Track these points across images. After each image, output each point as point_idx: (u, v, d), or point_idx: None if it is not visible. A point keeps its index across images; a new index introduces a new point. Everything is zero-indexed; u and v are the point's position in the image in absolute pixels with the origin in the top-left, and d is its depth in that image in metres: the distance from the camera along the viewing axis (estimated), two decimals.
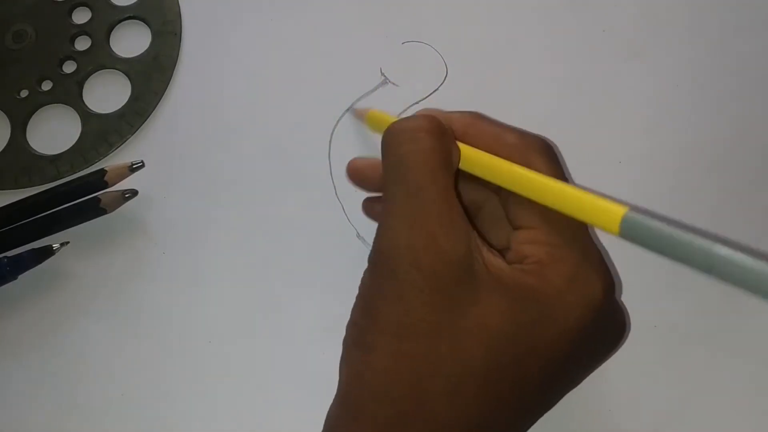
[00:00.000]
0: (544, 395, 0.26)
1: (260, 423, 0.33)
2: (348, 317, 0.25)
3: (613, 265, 0.35)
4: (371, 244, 0.25)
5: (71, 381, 0.35)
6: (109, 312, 0.36)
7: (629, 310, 0.34)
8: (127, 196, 0.36)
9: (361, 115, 0.37)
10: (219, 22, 0.42)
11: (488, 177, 0.26)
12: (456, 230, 0.24)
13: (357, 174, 0.30)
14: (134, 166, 0.36)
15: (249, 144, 0.39)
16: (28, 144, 0.40)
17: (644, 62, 0.39)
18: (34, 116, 0.41)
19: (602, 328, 0.26)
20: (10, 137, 0.40)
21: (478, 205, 0.28)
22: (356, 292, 0.26)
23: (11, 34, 0.42)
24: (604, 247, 0.35)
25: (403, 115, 0.38)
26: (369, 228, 0.36)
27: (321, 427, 0.26)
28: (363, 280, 0.26)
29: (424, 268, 0.23)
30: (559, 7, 0.40)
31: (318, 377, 0.34)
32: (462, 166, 0.26)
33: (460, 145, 0.27)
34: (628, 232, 0.21)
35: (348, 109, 0.39)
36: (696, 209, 0.36)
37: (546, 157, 0.26)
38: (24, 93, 0.41)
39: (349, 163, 0.31)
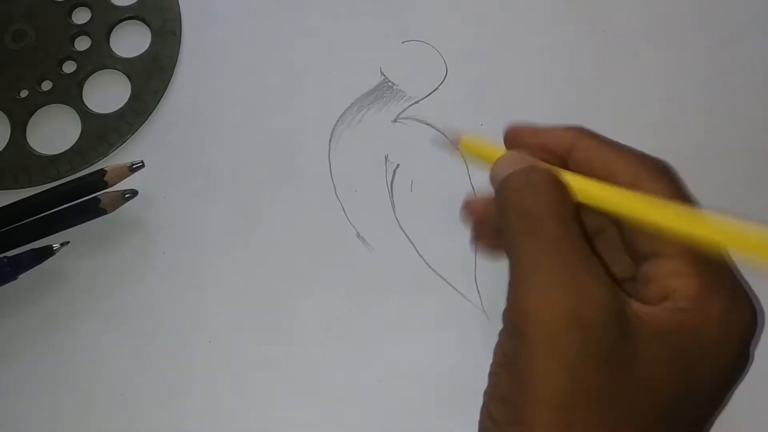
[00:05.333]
0: None
1: (260, 422, 0.33)
2: (348, 316, 0.25)
3: None
4: (371, 243, 0.25)
5: (71, 381, 0.35)
6: (109, 312, 0.36)
7: None
8: (127, 196, 0.36)
9: (449, 143, 0.31)
10: (219, 22, 0.42)
11: (615, 211, 0.24)
12: (605, 279, 0.22)
13: (473, 214, 0.28)
14: (134, 166, 0.36)
15: (249, 144, 0.39)
16: (28, 144, 0.40)
17: (644, 62, 0.39)
18: (33, 116, 0.41)
19: (747, 354, 0.24)
20: (10, 137, 0.40)
21: (590, 235, 0.26)
22: (357, 291, 0.25)
23: (11, 34, 0.42)
24: None
25: (403, 116, 0.39)
26: (369, 228, 0.36)
27: (320, 426, 0.26)
28: (502, 347, 0.23)
29: (586, 325, 0.21)
30: (559, 7, 0.41)
31: (317, 376, 0.34)
32: (583, 200, 0.24)
33: (581, 181, 0.24)
34: None
35: (348, 108, 0.39)
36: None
37: (671, 182, 0.24)
38: (24, 93, 0.41)
39: (464, 204, 0.28)
